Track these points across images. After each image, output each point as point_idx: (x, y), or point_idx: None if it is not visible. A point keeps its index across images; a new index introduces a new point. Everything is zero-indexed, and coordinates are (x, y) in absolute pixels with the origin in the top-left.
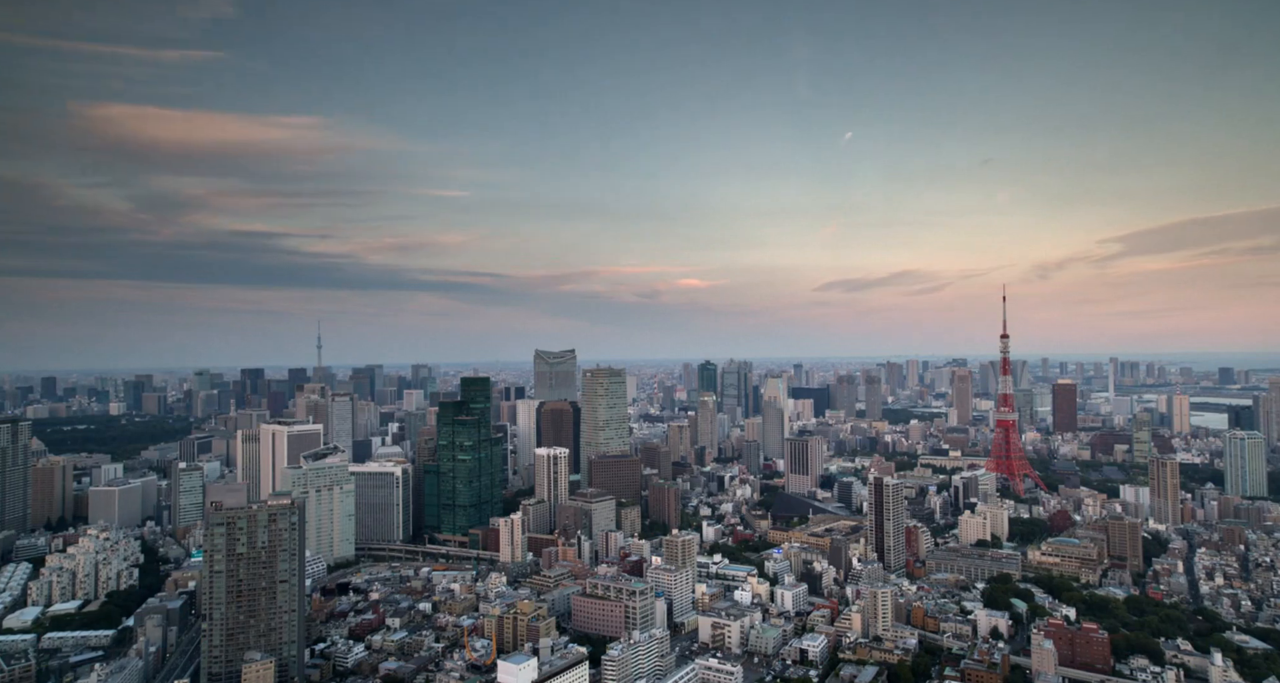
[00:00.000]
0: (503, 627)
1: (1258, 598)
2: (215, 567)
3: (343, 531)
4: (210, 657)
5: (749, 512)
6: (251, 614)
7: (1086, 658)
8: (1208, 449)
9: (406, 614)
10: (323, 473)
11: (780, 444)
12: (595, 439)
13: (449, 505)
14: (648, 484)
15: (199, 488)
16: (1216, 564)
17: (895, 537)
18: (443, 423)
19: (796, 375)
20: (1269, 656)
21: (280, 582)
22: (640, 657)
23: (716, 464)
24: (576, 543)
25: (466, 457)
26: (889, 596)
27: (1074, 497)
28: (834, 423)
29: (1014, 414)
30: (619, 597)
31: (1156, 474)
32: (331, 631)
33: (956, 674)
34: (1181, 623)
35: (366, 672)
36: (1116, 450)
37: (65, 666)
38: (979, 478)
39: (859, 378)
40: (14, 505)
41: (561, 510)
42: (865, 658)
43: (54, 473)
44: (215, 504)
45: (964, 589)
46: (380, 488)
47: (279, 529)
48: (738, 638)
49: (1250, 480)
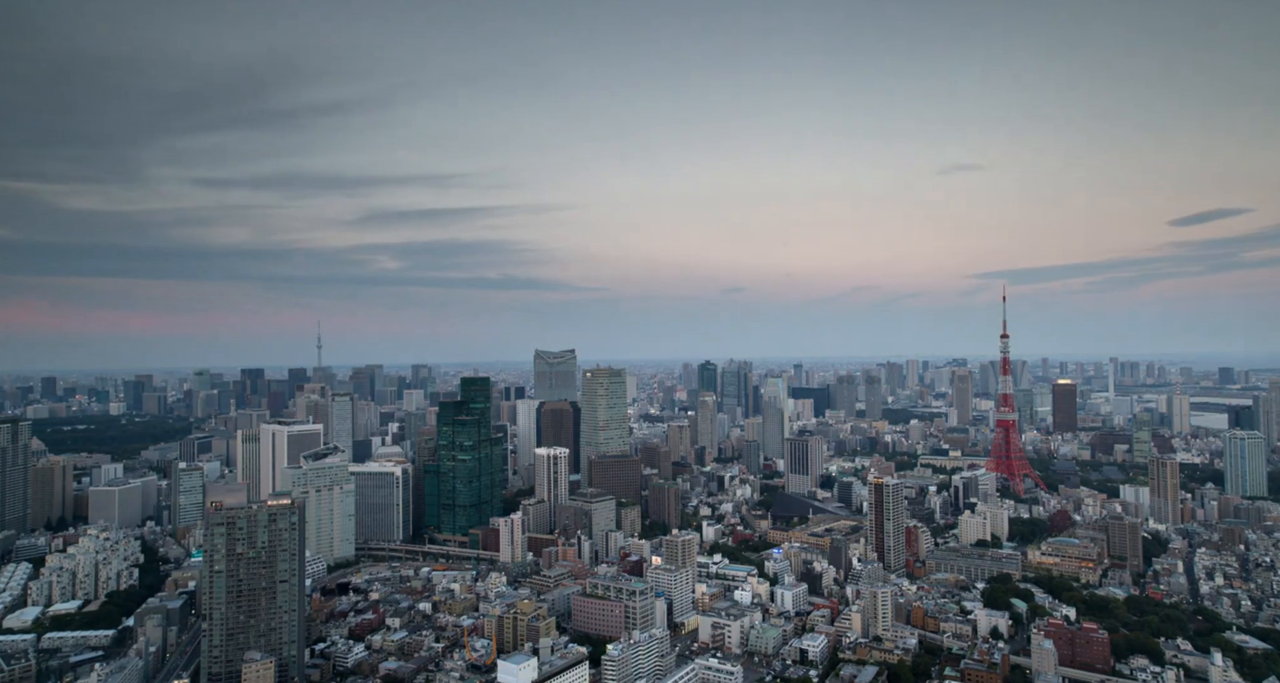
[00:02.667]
0: (503, 627)
1: (1258, 598)
2: (215, 567)
3: (343, 531)
4: (210, 657)
5: (749, 512)
6: (251, 614)
7: (1086, 658)
8: (1208, 449)
9: (406, 614)
10: (323, 473)
11: (780, 444)
12: (595, 439)
13: (449, 506)
14: (648, 484)
15: (199, 488)
16: (1216, 564)
17: (895, 537)
18: (443, 423)
19: (796, 375)
20: (1269, 656)
21: (280, 582)
22: (640, 657)
23: (716, 464)
24: (576, 543)
25: (466, 457)
26: (889, 596)
27: (1074, 497)
28: (834, 423)
29: (1014, 414)
30: (619, 597)
31: (1156, 474)
32: (331, 631)
33: (956, 674)
34: (1181, 623)
35: (366, 672)
36: (1116, 450)
37: (65, 666)
38: (979, 478)
39: (859, 378)
40: (14, 506)
41: (561, 511)
42: (865, 658)
43: (54, 473)
44: (215, 504)
45: (964, 589)
46: (380, 488)
47: (279, 529)
48: (738, 638)
49: (1250, 480)
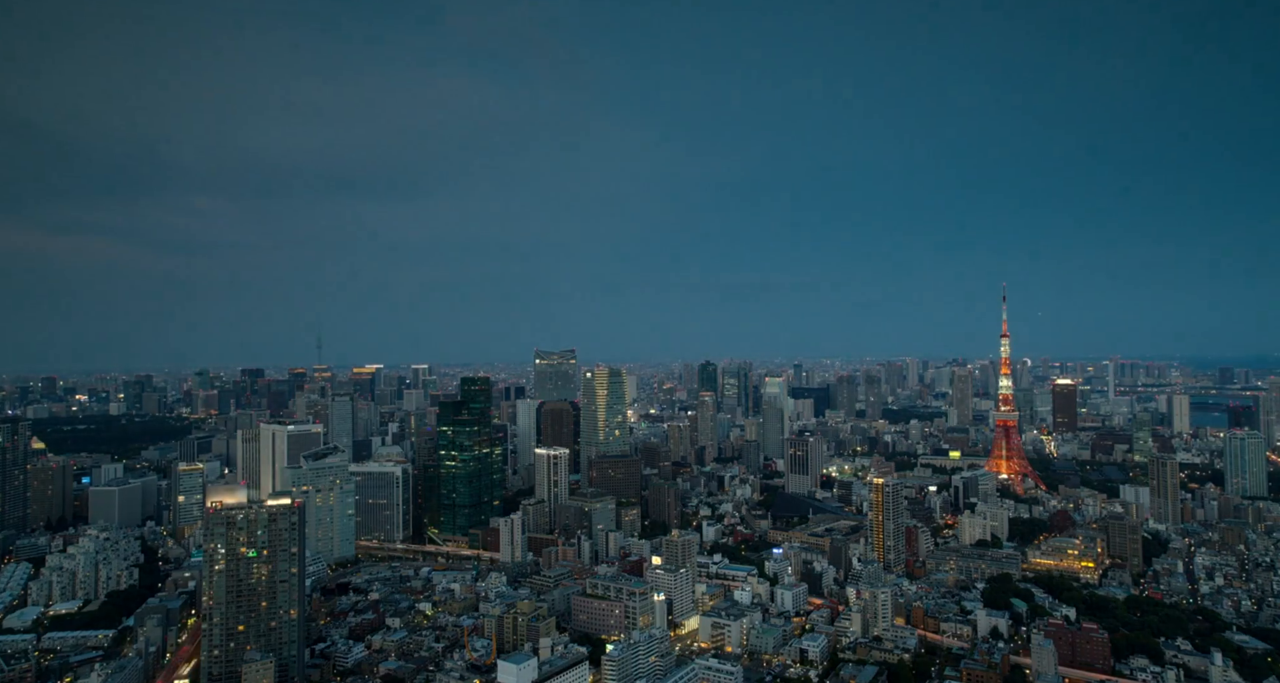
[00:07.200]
0: (503, 627)
1: (1258, 598)
2: (215, 567)
3: (343, 531)
4: (210, 657)
5: (749, 512)
6: (251, 614)
7: (1086, 658)
8: (1208, 449)
9: (406, 614)
10: (323, 473)
11: (780, 444)
12: (595, 439)
13: (449, 505)
14: (648, 484)
15: (199, 488)
16: (1216, 564)
17: (895, 537)
18: (443, 423)
19: (796, 376)
20: (1269, 655)
21: (280, 582)
22: (640, 657)
23: (716, 464)
24: (576, 543)
25: (466, 457)
26: (889, 596)
27: (1074, 497)
28: (834, 423)
29: (1014, 414)
30: (619, 597)
31: (1156, 474)
32: (331, 631)
33: (956, 674)
34: (1181, 623)
35: (366, 672)
36: (1116, 450)
37: (65, 666)
38: (979, 478)
39: (859, 378)
40: (14, 505)
41: (561, 510)
42: (865, 658)
43: (54, 473)
44: (215, 504)
45: (964, 589)
46: (380, 488)
47: (279, 529)
48: (738, 638)
49: (1250, 481)
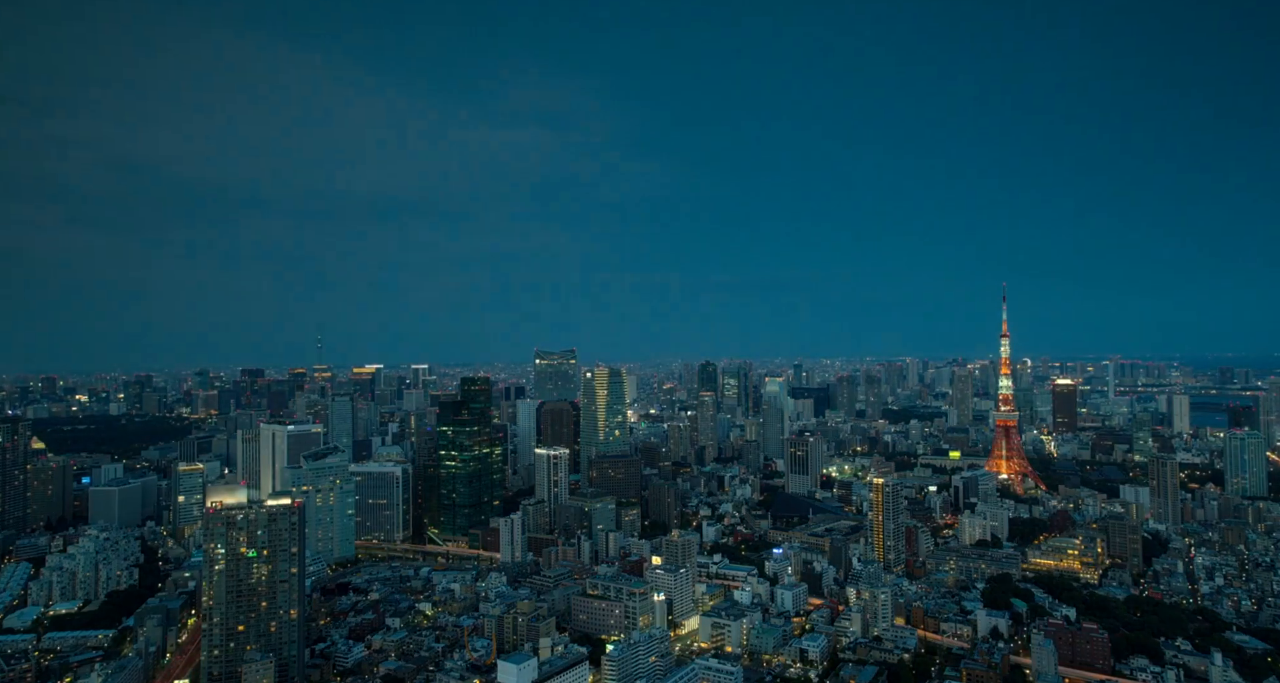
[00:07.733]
0: (503, 627)
1: (1258, 598)
2: (215, 567)
3: (343, 531)
4: (210, 657)
5: (749, 512)
6: (251, 614)
7: (1086, 658)
8: (1208, 449)
9: (406, 614)
10: (323, 473)
11: (780, 444)
12: (595, 439)
13: (449, 506)
14: (648, 484)
15: (199, 488)
16: (1216, 564)
17: (895, 537)
18: (443, 423)
19: (796, 375)
20: (1269, 656)
21: (280, 582)
22: (640, 657)
23: (716, 464)
24: (576, 543)
25: (466, 457)
26: (889, 596)
27: (1074, 497)
28: (834, 423)
29: (1014, 414)
30: (619, 597)
31: (1156, 474)
32: (331, 631)
33: (956, 675)
34: (1181, 623)
35: (366, 672)
36: (1116, 450)
37: (65, 666)
38: (979, 478)
39: (859, 378)
40: (14, 505)
41: (561, 511)
42: (865, 658)
43: (54, 473)
44: (215, 504)
45: (964, 589)
46: (380, 488)
47: (279, 529)
48: (738, 638)
49: (1250, 480)
